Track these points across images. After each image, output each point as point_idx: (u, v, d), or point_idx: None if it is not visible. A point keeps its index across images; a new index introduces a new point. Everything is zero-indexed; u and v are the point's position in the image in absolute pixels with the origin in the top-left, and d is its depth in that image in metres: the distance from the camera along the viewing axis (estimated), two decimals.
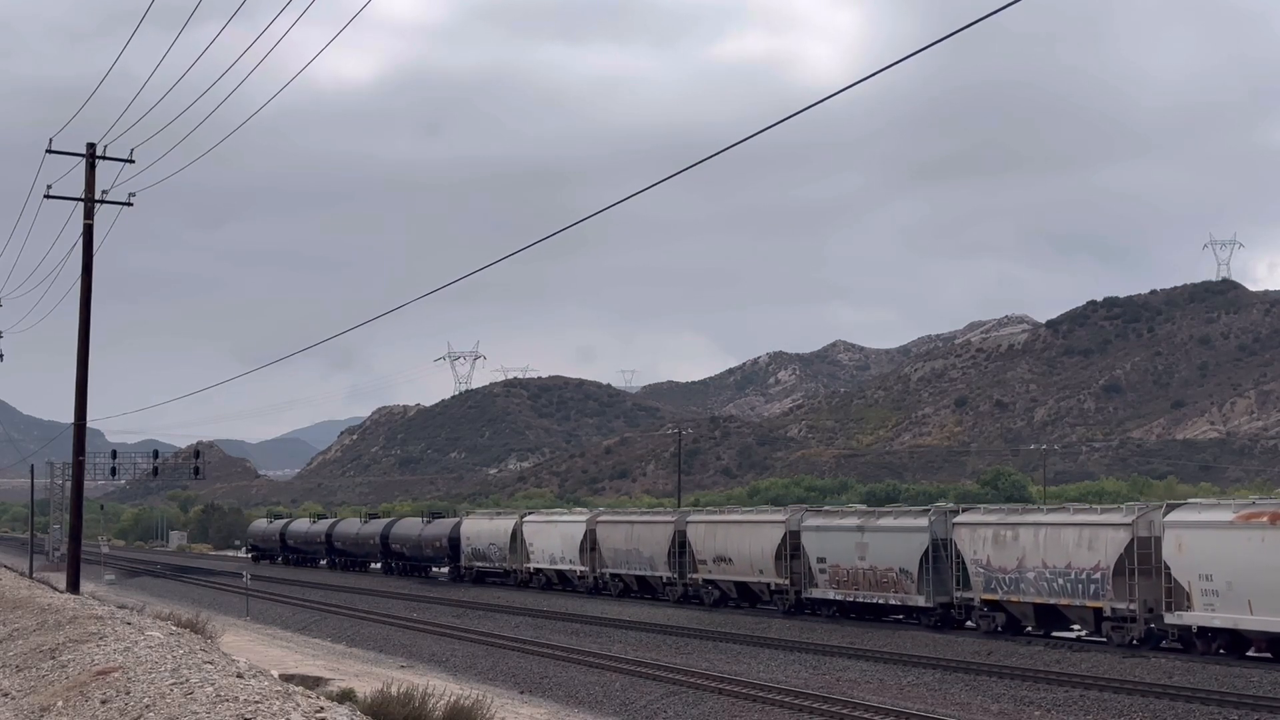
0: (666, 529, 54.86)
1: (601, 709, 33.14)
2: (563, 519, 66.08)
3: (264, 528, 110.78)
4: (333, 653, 46.79)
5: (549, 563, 63.86)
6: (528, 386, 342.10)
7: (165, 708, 12.28)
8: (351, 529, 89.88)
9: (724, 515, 54.01)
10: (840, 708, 29.16)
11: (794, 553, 47.01)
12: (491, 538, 69.26)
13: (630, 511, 66.23)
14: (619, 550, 58.09)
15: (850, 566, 44.37)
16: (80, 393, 37.46)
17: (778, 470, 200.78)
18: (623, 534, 58.16)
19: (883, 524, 44.14)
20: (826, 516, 47.57)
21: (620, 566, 58.17)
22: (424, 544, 76.70)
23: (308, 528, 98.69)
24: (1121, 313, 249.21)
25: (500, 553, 67.81)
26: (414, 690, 23.04)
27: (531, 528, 65.98)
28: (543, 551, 64.32)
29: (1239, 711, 26.82)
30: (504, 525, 68.73)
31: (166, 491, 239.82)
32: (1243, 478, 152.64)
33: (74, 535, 38.66)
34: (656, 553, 55.32)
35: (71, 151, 38.20)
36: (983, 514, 41.99)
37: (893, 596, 42.94)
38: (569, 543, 62.16)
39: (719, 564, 51.24)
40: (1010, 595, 38.76)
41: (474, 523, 73.42)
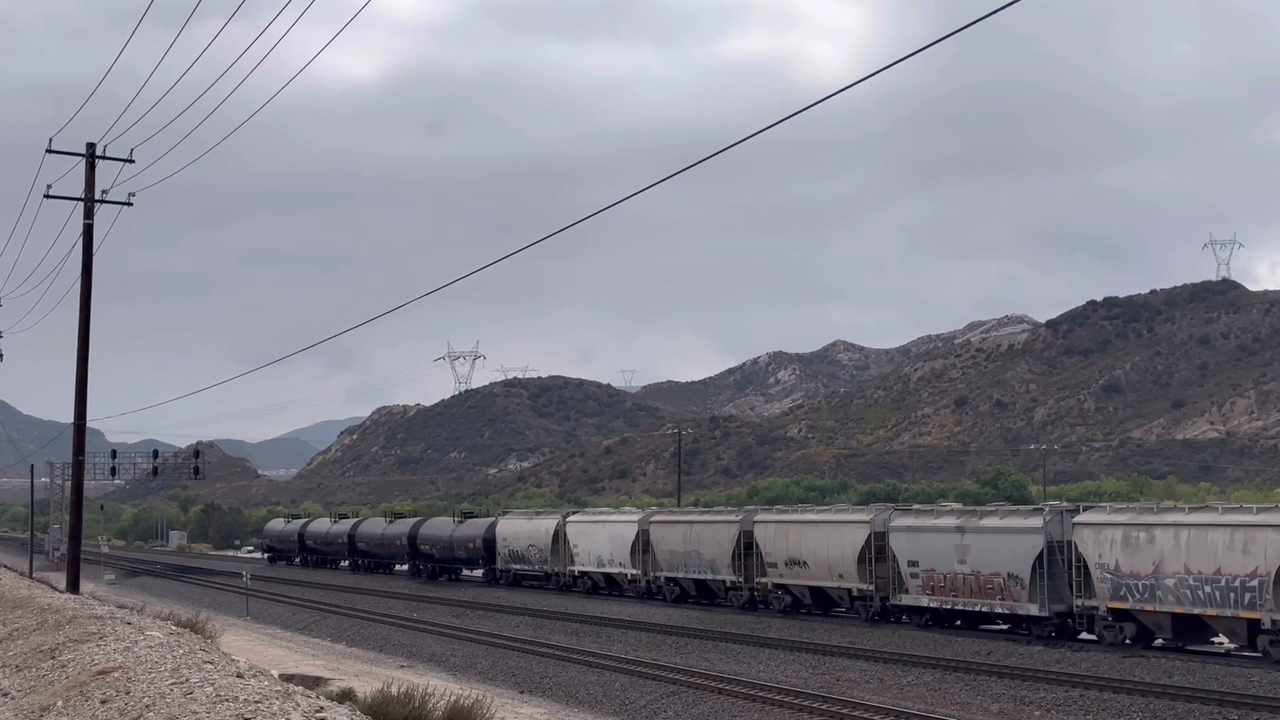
0: (730, 529, 51.00)
1: (601, 709, 33.14)
2: (611, 519, 62.11)
3: (281, 528, 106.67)
4: (333, 653, 46.79)
5: (595, 565, 60.41)
6: (528, 386, 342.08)
7: (165, 708, 12.28)
8: (376, 529, 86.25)
9: (798, 514, 49.87)
10: (840, 708, 29.15)
11: (879, 555, 43.35)
12: (530, 539, 65.77)
13: (688, 511, 62.15)
14: (675, 552, 54.32)
15: (948, 571, 40.67)
16: (80, 393, 37.46)
17: (778, 470, 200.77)
18: (680, 535, 54.22)
19: (987, 524, 40.33)
20: (919, 516, 43.82)
21: (677, 570, 54.36)
22: (456, 545, 73.25)
23: (328, 528, 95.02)
24: (1121, 313, 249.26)
25: (540, 555, 64.30)
26: (414, 690, 23.04)
27: (576, 528, 62.35)
28: (588, 553, 60.88)
29: (1239, 711, 26.82)
30: (545, 526, 64.93)
31: (166, 491, 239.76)
32: (1242, 478, 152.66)
33: (74, 535, 38.66)
34: (719, 555, 51.53)
35: (71, 151, 38.22)
36: (1109, 513, 37.88)
37: (998, 604, 39.02)
38: (618, 544, 58.48)
39: (791, 567, 47.46)
40: (1144, 604, 34.81)
41: (511, 523, 69.76)
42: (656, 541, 55.67)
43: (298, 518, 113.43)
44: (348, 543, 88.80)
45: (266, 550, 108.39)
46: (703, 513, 57.34)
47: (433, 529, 77.91)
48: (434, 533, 77.06)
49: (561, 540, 62.81)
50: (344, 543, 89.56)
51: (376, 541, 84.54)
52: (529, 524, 67.31)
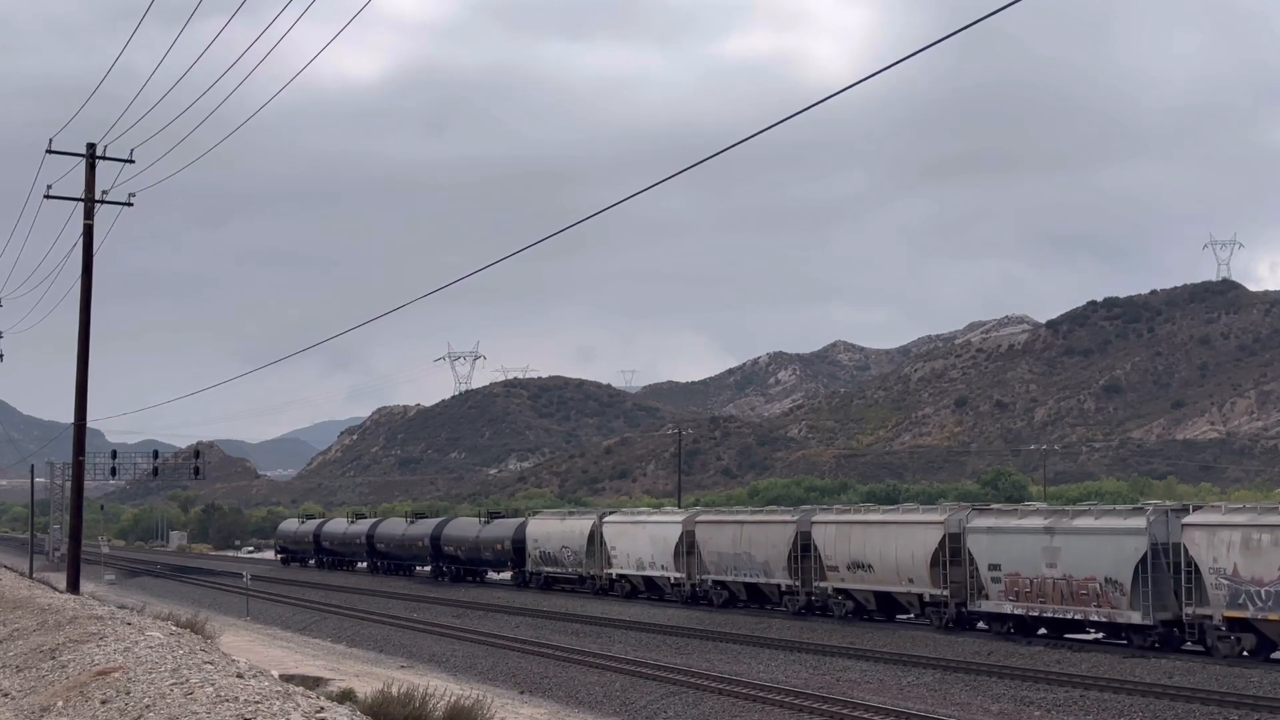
0: (786, 530, 48.19)
1: (602, 709, 33.14)
2: (653, 519, 59.22)
3: (295, 528, 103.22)
4: (333, 653, 46.79)
5: (635, 568, 57.37)
6: (528, 386, 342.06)
7: (165, 708, 12.27)
8: (396, 530, 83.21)
9: (863, 514, 46.97)
10: (840, 708, 29.16)
11: (953, 558, 40.67)
12: (564, 540, 62.97)
13: (737, 510, 58.87)
14: (724, 554, 51.29)
15: (1035, 575, 37.76)
16: (80, 393, 37.45)
17: (778, 470, 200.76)
18: (729, 536, 51.21)
19: (1081, 525, 37.37)
20: (1000, 516, 41.01)
21: (725, 573, 51.36)
22: (482, 546, 70.52)
23: (345, 528, 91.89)
24: (1121, 313, 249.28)
25: (574, 557, 61.64)
26: (414, 690, 23.04)
27: (614, 529, 59.44)
28: (627, 555, 57.86)
29: (1239, 711, 26.82)
30: (579, 526, 62.21)
31: (166, 491, 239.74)
32: (1243, 478, 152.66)
33: (74, 535, 38.66)
34: (773, 557, 48.62)
35: (71, 152, 38.22)
36: (1224, 513, 34.85)
37: (1094, 611, 36.26)
38: (661, 546, 55.51)
39: (855, 571, 44.58)
40: (1268, 613, 32.00)
41: (542, 523, 66.73)
42: (703, 543, 52.69)
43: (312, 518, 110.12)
44: (366, 544, 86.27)
45: (280, 551, 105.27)
46: (754, 512, 54.04)
47: (457, 529, 75.17)
48: (459, 533, 74.38)
49: (598, 541, 60.13)
50: (362, 544, 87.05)
51: (397, 542, 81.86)
52: (562, 524, 64.61)
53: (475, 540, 71.40)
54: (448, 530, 75.47)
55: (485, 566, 72.48)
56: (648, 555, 56.57)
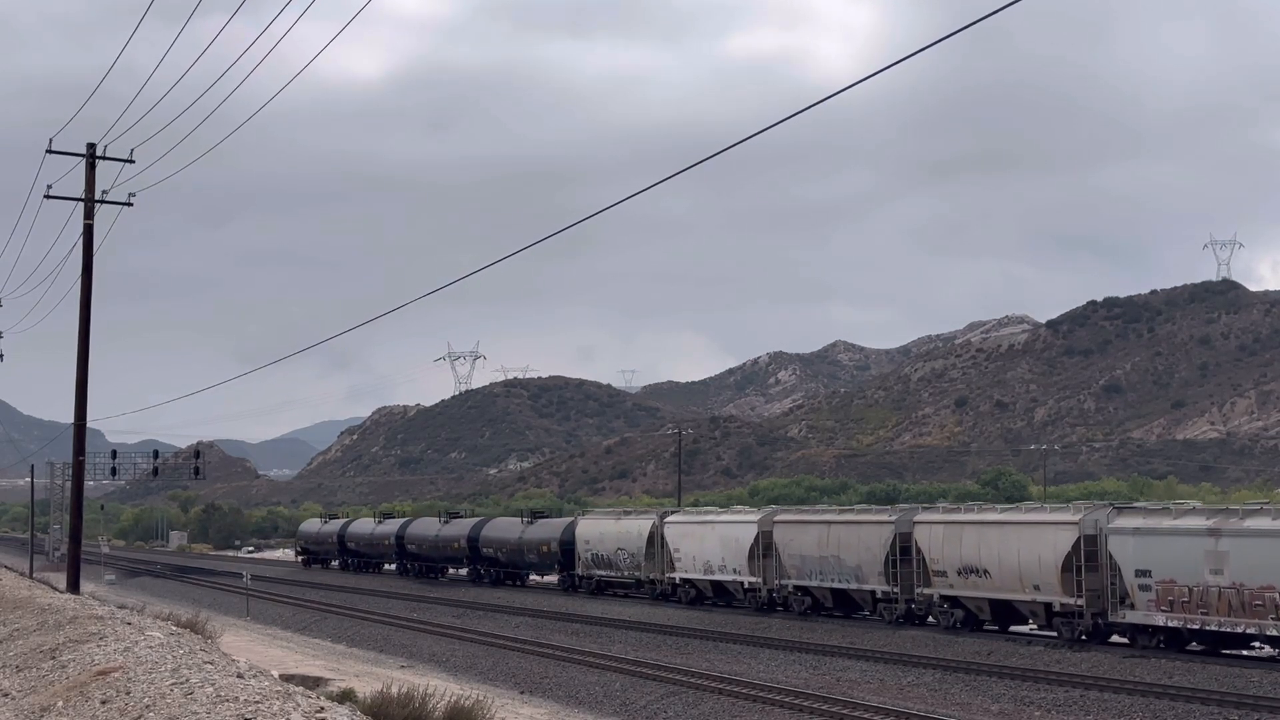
0: (883, 531, 44.03)
1: (602, 709, 33.15)
2: (722, 519, 54.89)
3: (317, 528, 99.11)
4: (333, 653, 46.80)
5: (702, 572, 53.23)
6: (528, 386, 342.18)
7: (165, 708, 12.28)
8: (429, 530, 79.18)
9: (977, 514, 42.53)
10: (840, 708, 29.16)
11: (1089, 563, 36.64)
12: (619, 541, 59.00)
13: (821, 509, 55.31)
14: (808, 557, 47.10)
15: (1195, 584, 33.55)
16: (80, 393, 37.47)
17: (778, 470, 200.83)
18: (814, 537, 46.96)
19: (1258, 526, 32.71)
20: (1150, 516, 36.70)
21: (809, 578, 47.13)
22: (526, 548, 66.78)
23: (372, 529, 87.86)
24: (1121, 313, 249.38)
25: (632, 560, 57.76)
26: (414, 690, 23.04)
27: (677, 529, 55.37)
28: (693, 558, 53.76)
29: (1239, 711, 26.82)
30: (638, 527, 58.17)
31: (166, 491, 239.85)
32: (1243, 478, 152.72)
33: (74, 535, 38.67)
34: (866, 561, 44.45)
35: (71, 152, 38.24)
36: None
37: (1271, 625, 31.86)
38: (733, 548, 51.21)
39: (967, 577, 40.56)
40: None
41: (595, 524, 62.72)
42: (783, 545, 48.44)
43: (335, 517, 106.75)
44: (395, 545, 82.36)
45: (301, 552, 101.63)
46: (842, 511, 49.95)
47: (498, 530, 71.70)
48: (499, 534, 70.81)
49: (658, 543, 56.11)
50: (391, 545, 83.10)
51: (429, 544, 78.04)
52: (617, 525, 60.48)
53: (518, 542, 67.73)
54: (487, 531, 72.04)
55: (528, 569, 69.40)
56: (716, 558, 52.36)
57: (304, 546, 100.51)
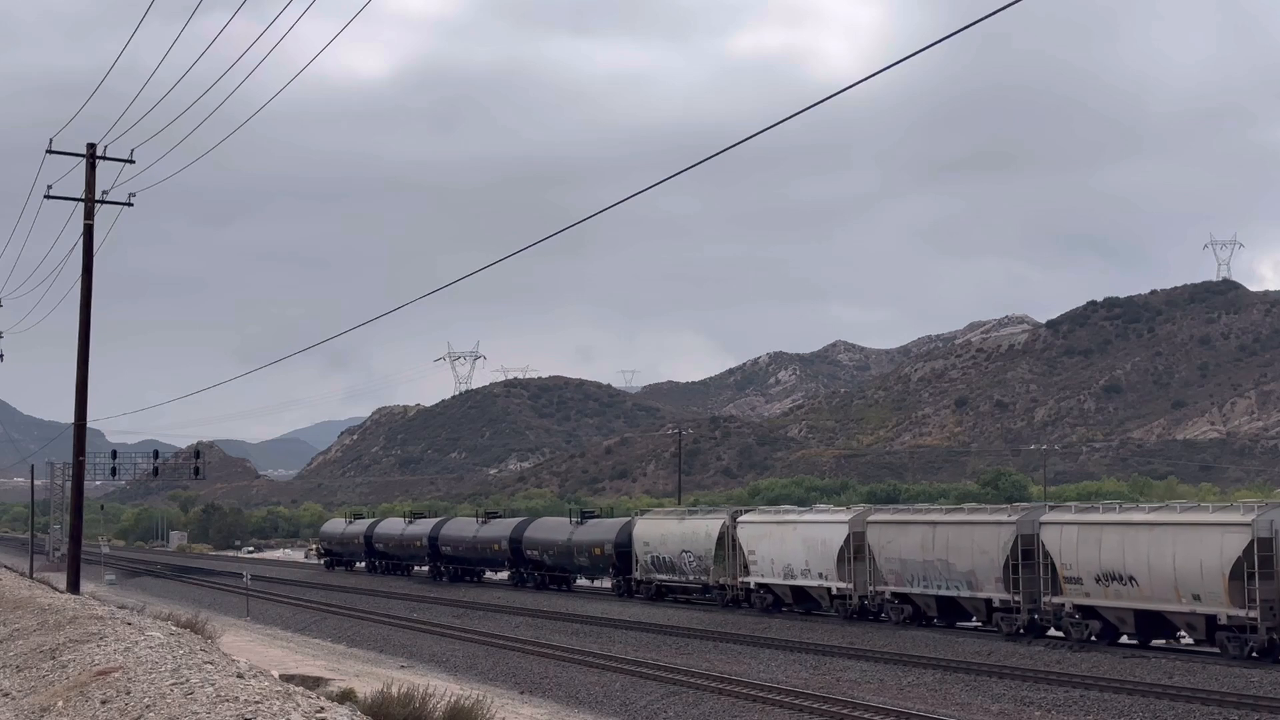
0: (1001, 532, 39.88)
1: (602, 709, 33.16)
2: (806, 518, 50.21)
3: (342, 529, 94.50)
4: (333, 653, 46.82)
5: (781, 577, 48.81)
6: (528, 386, 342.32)
7: (165, 708, 12.28)
8: (465, 532, 75.04)
9: (1120, 514, 38.16)
10: (840, 708, 29.16)
11: (1263, 569, 32.39)
12: (684, 543, 54.72)
13: (922, 508, 50.03)
14: (909, 561, 42.95)
15: None
16: (80, 393, 37.47)
17: (778, 470, 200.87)
18: (917, 539, 42.91)
19: None
20: None
21: (911, 584, 42.99)
22: (575, 551, 62.97)
23: (402, 529, 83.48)
24: (1122, 313, 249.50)
25: (698, 563, 53.53)
26: (414, 690, 23.04)
27: (753, 530, 50.88)
28: (771, 562, 49.35)
29: (1239, 711, 26.83)
30: (705, 527, 53.83)
31: (166, 492, 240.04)
32: (1243, 478, 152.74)
33: (74, 535, 38.68)
34: (981, 566, 40.31)
35: (72, 152, 38.26)
36: None
37: None
38: (819, 550, 46.91)
39: (1107, 584, 36.47)
40: None
41: (655, 524, 58.30)
42: (878, 547, 44.22)
43: (361, 517, 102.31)
44: (427, 546, 78.02)
45: (324, 554, 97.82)
46: (950, 510, 45.52)
47: (543, 531, 67.78)
48: (545, 536, 66.89)
49: (729, 545, 51.92)
50: (423, 546, 78.81)
51: (467, 545, 73.92)
52: (681, 525, 56.18)
53: (566, 544, 63.95)
54: (530, 533, 68.31)
55: (577, 573, 65.74)
56: (799, 561, 47.98)
57: (327, 548, 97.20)
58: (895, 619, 43.60)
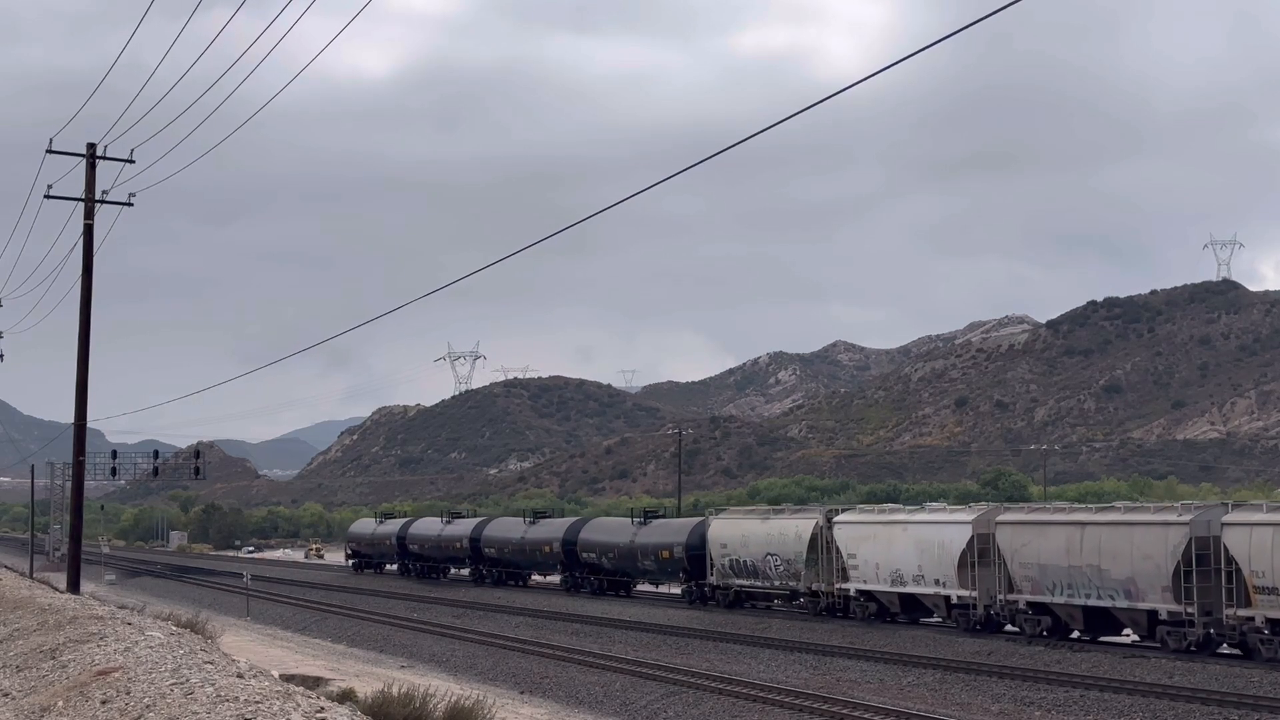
0: (1170, 534, 34.86)
1: (602, 709, 33.16)
2: (919, 518, 44.76)
3: (372, 529, 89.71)
4: (333, 653, 46.84)
5: (888, 583, 44.07)
6: (528, 386, 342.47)
7: (165, 708, 12.28)
8: (511, 532, 70.78)
9: None
10: (840, 708, 29.16)
11: None
12: (769, 545, 49.88)
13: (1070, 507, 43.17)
14: (1049, 567, 38.03)
15: None
16: (80, 393, 37.48)
17: (778, 470, 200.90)
18: (1059, 541, 37.92)
19: None
20: None
21: (1050, 593, 38.10)
22: (638, 553, 58.52)
23: (440, 530, 78.93)
24: (1122, 313, 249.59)
25: (786, 567, 48.92)
26: (414, 690, 23.05)
27: (852, 531, 46.05)
28: (876, 566, 44.66)
29: (1239, 711, 26.83)
30: (795, 528, 49.13)
31: (167, 492, 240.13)
32: (1243, 478, 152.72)
33: (74, 535, 38.68)
34: (1144, 572, 35.38)
35: (72, 152, 38.26)
36: None
37: None
38: (935, 553, 42.16)
39: None
40: None
41: (734, 525, 53.34)
42: (1011, 551, 39.38)
43: (392, 516, 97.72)
44: (469, 548, 73.75)
45: (351, 555, 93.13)
46: (1100, 509, 39.85)
47: (601, 533, 63.51)
48: (604, 538, 62.47)
49: (822, 547, 47.38)
50: (463, 548, 74.58)
51: (514, 547, 69.73)
52: (765, 526, 51.28)
53: (629, 546, 59.38)
54: (585, 533, 64.12)
55: (638, 577, 61.51)
56: (910, 565, 43.15)
57: (355, 549, 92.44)
58: (1029, 632, 38.86)
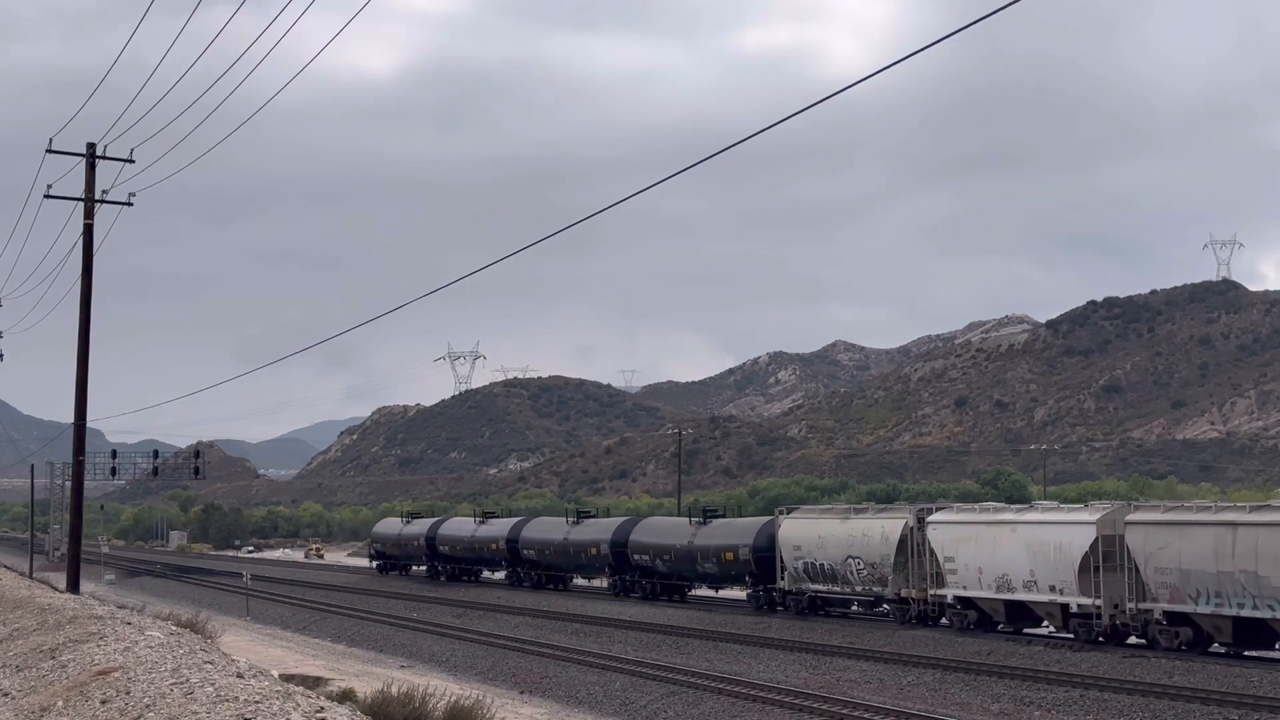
0: None
1: (602, 709, 33.15)
2: (1029, 518, 40.33)
3: (398, 530, 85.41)
4: (333, 653, 46.83)
5: (992, 589, 40.16)
6: (528, 386, 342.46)
7: (165, 708, 12.28)
8: (553, 534, 67.23)
9: None
10: (840, 708, 29.16)
11: None
12: (851, 547, 46.07)
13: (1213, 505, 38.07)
14: (1193, 573, 33.94)
15: None
16: (80, 393, 37.48)
17: (778, 470, 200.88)
18: (1207, 544, 33.67)
19: None
20: None
21: (1195, 601, 34.02)
22: (697, 555, 54.75)
23: (473, 530, 75.37)
24: (1121, 313, 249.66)
25: (871, 572, 45.20)
26: (414, 690, 23.05)
27: (951, 532, 42.26)
28: (977, 571, 40.68)
29: (1239, 711, 26.82)
30: (881, 529, 45.34)
31: (166, 491, 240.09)
32: (1243, 478, 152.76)
33: (74, 535, 38.69)
34: None
35: (71, 151, 38.28)
36: None
37: None
38: (1051, 557, 38.12)
39: None
40: None
41: (809, 525, 49.46)
42: (1145, 554, 35.46)
43: (419, 515, 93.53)
44: (506, 550, 70.12)
45: (376, 557, 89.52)
46: (1255, 509, 35.09)
47: (656, 534, 59.41)
48: (658, 540, 58.45)
49: (913, 550, 43.82)
50: (499, 549, 70.91)
51: (555, 548, 66.26)
52: (845, 526, 47.17)
53: (687, 548, 55.58)
54: (637, 535, 60.18)
55: (699, 581, 57.51)
56: (1020, 570, 39.27)
57: (380, 550, 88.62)
58: (1165, 644, 34.87)
